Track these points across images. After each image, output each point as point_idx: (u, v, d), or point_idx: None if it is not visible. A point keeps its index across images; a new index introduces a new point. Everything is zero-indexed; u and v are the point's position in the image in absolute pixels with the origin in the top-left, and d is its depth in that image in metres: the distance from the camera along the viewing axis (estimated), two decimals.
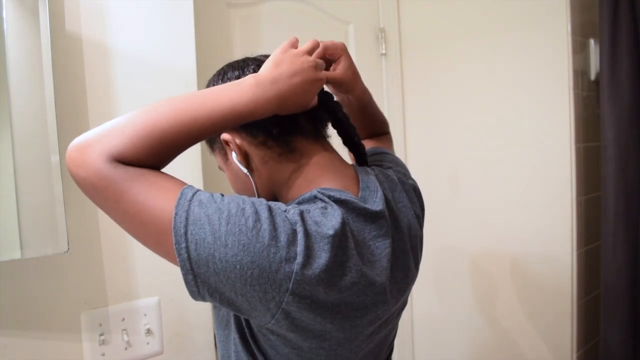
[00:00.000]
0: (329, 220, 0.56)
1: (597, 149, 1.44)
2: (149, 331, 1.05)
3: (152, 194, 0.54)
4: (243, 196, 0.57)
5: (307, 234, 0.54)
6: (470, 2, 1.62)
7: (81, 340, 0.98)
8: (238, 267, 0.51)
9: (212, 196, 0.55)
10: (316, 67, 0.64)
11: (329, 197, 0.60)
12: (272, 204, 0.57)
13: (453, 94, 1.68)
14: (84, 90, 0.98)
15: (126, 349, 1.02)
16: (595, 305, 1.52)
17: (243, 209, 0.54)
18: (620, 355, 1.37)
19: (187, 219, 0.52)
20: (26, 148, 0.87)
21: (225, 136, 0.66)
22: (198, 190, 0.56)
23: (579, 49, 1.47)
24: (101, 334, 0.99)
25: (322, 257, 0.54)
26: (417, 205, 0.75)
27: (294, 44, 0.66)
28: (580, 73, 1.47)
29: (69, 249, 0.89)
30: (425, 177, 1.67)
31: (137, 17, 1.05)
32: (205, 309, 1.14)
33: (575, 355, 1.47)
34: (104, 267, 1.00)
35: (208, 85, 0.71)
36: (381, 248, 0.62)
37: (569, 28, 1.42)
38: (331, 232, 0.55)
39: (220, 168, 0.74)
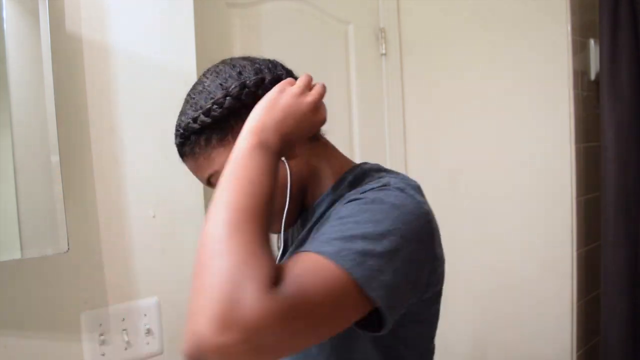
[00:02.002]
0: (404, 179, 0.64)
1: (597, 149, 1.44)
2: (149, 331, 1.05)
3: (316, 272, 0.49)
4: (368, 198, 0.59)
5: (414, 195, 0.60)
6: (470, 2, 1.62)
7: (81, 340, 0.97)
8: (406, 256, 0.55)
9: (338, 225, 0.54)
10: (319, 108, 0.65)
11: (378, 169, 0.68)
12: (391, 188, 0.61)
13: (453, 94, 1.68)
14: (84, 90, 0.98)
15: (126, 349, 1.02)
16: (595, 305, 1.51)
17: (373, 208, 0.57)
18: (621, 355, 1.37)
19: (356, 261, 0.50)
20: (26, 148, 0.87)
21: None
22: (328, 234, 0.54)
23: (579, 49, 1.47)
24: (101, 334, 0.99)
25: (425, 203, 0.62)
26: None
27: (291, 83, 0.64)
28: (580, 73, 1.47)
29: (69, 249, 0.89)
30: (425, 177, 1.66)
31: (137, 17, 1.05)
32: None
33: (575, 355, 1.47)
34: (104, 267, 1.00)
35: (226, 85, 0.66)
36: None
37: (569, 28, 1.42)
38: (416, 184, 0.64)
39: (214, 177, 0.68)
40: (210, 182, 0.70)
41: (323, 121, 0.66)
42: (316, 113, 0.64)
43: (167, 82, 1.08)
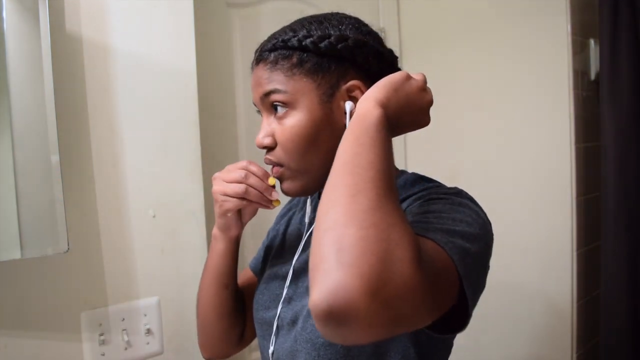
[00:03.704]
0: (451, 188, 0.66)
1: (597, 149, 1.44)
2: (149, 331, 1.05)
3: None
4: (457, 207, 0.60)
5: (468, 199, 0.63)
6: (470, 2, 1.62)
7: (81, 340, 0.97)
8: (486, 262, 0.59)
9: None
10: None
11: (425, 178, 0.69)
12: (463, 196, 0.64)
13: (453, 94, 1.68)
14: (84, 90, 0.98)
15: (126, 349, 1.02)
16: (595, 305, 1.51)
17: (462, 216, 0.58)
18: (620, 355, 1.37)
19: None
20: (26, 148, 0.87)
21: (356, 83, 0.64)
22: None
23: (579, 49, 1.47)
24: (101, 334, 0.99)
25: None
26: None
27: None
28: (580, 73, 1.47)
29: (69, 249, 0.89)
30: None
31: (137, 17, 1.05)
32: None
33: (575, 355, 1.47)
34: (104, 267, 1.00)
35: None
36: None
37: (569, 28, 1.42)
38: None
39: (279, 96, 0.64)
40: (267, 98, 0.65)
41: (428, 123, 0.64)
42: (427, 113, 0.64)
43: (167, 82, 1.08)
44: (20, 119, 0.86)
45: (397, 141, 1.78)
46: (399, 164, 1.80)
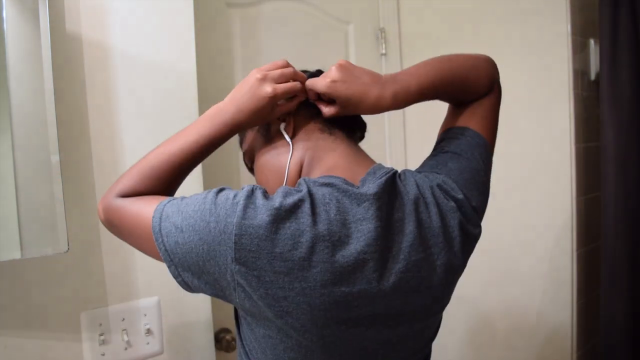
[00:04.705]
0: (282, 198, 0.59)
1: (597, 149, 1.44)
2: (149, 331, 1.05)
3: (140, 207, 0.66)
4: (204, 192, 0.64)
5: (246, 205, 0.58)
6: (469, 2, 1.62)
7: (81, 340, 0.98)
8: (192, 247, 0.59)
9: (182, 197, 0.65)
10: (263, 80, 0.69)
11: (315, 181, 0.65)
12: (225, 190, 0.63)
13: None
14: (84, 90, 0.98)
15: (126, 349, 1.02)
16: (595, 305, 1.52)
17: (196, 198, 0.62)
18: (620, 355, 1.37)
19: (160, 218, 0.62)
20: (26, 148, 0.87)
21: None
22: (176, 197, 0.66)
23: (579, 49, 1.47)
24: (101, 334, 0.99)
25: (257, 218, 0.57)
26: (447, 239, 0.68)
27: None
28: (580, 73, 1.47)
29: (69, 249, 0.89)
30: None
31: (137, 17, 1.05)
32: (205, 308, 1.14)
33: (575, 355, 1.47)
34: (104, 267, 1.00)
35: None
36: (363, 231, 0.61)
37: (569, 28, 1.42)
38: (276, 204, 0.58)
39: (245, 155, 0.81)
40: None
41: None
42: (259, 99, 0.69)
43: (167, 82, 1.08)
44: (20, 119, 0.86)
45: (397, 141, 1.78)
46: (400, 163, 1.80)
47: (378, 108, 0.70)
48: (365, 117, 0.80)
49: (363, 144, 0.82)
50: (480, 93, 0.85)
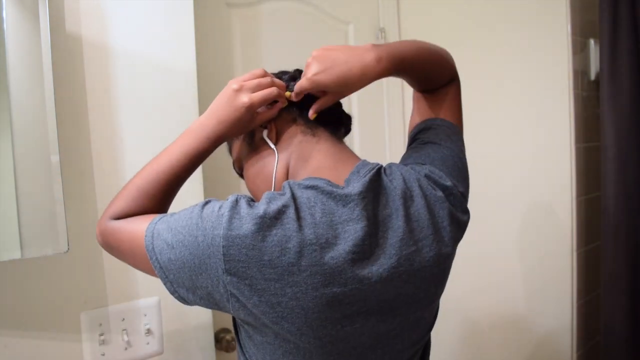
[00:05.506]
0: (267, 205, 0.60)
1: (597, 149, 1.44)
2: (149, 331, 1.05)
3: (134, 227, 0.67)
4: (191, 206, 0.64)
5: (231, 216, 0.59)
6: (470, 2, 1.62)
7: (81, 340, 0.98)
8: (184, 262, 0.60)
9: (172, 214, 0.66)
10: (239, 91, 0.70)
11: (299, 184, 0.65)
12: (211, 202, 0.63)
13: None
14: (84, 90, 0.98)
15: (126, 349, 1.02)
16: (595, 305, 1.52)
17: (184, 214, 0.63)
18: (620, 355, 1.37)
19: (152, 236, 0.63)
20: (26, 148, 0.87)
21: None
22: (166, 214, 0.67)
23: (579, 49, 1.47)
24: (101, 334, 0.99)
25: (242, 228, 0.58)
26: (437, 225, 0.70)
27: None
28: (580, 73, 1.47)
29: (69, 249, 0.89)
30: None
31: (137, 17, 1.05)
32: (205, 309, 1.14)
33: (575, 355, 1.47)
34: (104, 267, 1.00)
35: None
36: (350, 232, 0.61)
37: (569, 28, 1.42)
38: (260, 212, 0.59)
39: (235, 163, 0.82)
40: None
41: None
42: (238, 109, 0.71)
43: (167, 82, 1.08)
44: (20, 119, 0.86)
45: (397, 142, 1.78)
46: (400, 159, 1.79)
47: (368, 77, 0.70)
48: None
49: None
50: (445, 80, 0.88)
